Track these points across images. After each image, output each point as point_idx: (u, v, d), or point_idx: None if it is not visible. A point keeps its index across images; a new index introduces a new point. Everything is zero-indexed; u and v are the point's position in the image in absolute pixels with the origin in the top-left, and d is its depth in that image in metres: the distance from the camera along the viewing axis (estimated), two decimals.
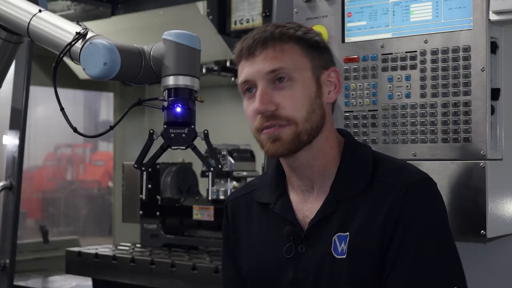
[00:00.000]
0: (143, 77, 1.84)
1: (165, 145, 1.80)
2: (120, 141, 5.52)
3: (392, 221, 1.53)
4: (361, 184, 1.59)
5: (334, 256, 1.57)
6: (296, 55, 1.59)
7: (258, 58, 1.58)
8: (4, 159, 3.10)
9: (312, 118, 1.58)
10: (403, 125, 1.95)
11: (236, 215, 1.78)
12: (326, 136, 1.62)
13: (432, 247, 1.54)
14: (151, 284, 3.62)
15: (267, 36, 1.59)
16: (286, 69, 1.57)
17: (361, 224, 1.56)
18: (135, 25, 4.23)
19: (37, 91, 5.39)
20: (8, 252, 3.04)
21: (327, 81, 1.62)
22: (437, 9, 1.91)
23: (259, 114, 1.58)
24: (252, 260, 1.70)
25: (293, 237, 1.62)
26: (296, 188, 1.67)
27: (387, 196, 1.56)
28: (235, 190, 1.88)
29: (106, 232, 6.87)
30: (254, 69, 1.58)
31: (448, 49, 1.88)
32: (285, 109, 1.56)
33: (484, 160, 1.83)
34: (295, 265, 1.61)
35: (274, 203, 1.68)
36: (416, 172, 1.62)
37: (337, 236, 1.58)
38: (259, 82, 1.58)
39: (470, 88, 1.85)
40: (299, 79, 1.58)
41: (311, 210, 1.63)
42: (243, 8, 3.98)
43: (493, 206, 1.84)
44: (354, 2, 2.05)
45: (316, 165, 1.62)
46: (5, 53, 2.35)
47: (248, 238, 1.73)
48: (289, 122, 1.56)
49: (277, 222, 1.66)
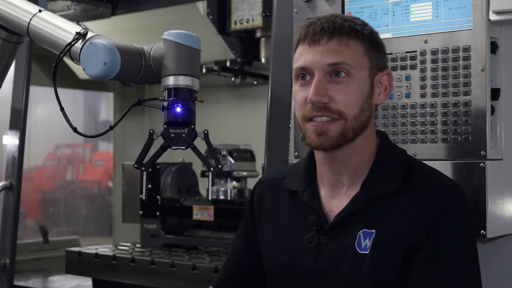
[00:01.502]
0: (143, 77, 1.84)
1: (165, 145, 1.80)
2: (120, 141, 5.51)
3: (423, 225, 1.54)
4: (393, 185, 1.60)
5: (357, 250, 1.58)
6: (359, 52, 1.59)
7: (322, 47, 1.57)
8: (4, 159, 3.10)
9: (361, 117, 1.59)
10: (403, 125, 1.95)
11: (262, 199, 1.78)
12: (367, 136, 1.63)
13: (460, 257, 1.55)
14: (151, 284, 3.62)
15: (336, 28, 1.58)
16: (346, 65, 1.56)
17: (389, 223, 1.57)
18: (135, 25, 4.23)
19: (37, 91, 5.39)
20: (8, 252, 3.04)
21: (380, 82, 1.63)
22: (437, 9, 1.91)
23: (311, 103, 1.57)
24: (274, 245, 1.71)
25: (317, 227, 1.63)
26: (325, 182, 1.67)
27: (418, 200, 1.57)
28: (266, 175, 1.91)
29: (106, 232, 6.87)
30: (315, 58, 1.57)
31: (448, 49, 1.88)
32: (338, 103, 1.56)
33: (484, 160, 1.83)
34: (315, 254, 1.62)
35: (303, 192, 1.68)
36: (449, 180, 1.64)
37: (363, 232, 1.58)
38: (317, 72, 1.57)
39: (470, 88, 1.85)
40: (357, 77, 1.58)
41: (338, 205, 1.63)
42: (243, 8, 3.98)
43: (493, 206, 1.84)
44: (354, 2, 2.05)
45: (351, 162, 1.63)
46: (5, 53, 2.35)
47: (273, 223, 1.74)
48: (339, 117, 1.57)
49: (303, 210, 1.67)
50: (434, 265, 1.53)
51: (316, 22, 1.60)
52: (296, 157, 2.13)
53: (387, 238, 1.56)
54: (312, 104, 1.57)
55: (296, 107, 1.62)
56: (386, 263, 1.55)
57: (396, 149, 1.69)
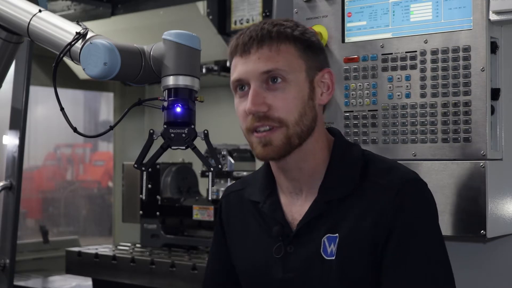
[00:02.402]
0: (143, 77, 1.84)
1: (165, 145, 1.80)
2: (120, 141, 5.51)
3: (384, 222, 1.52)
4: (350, 185, 1.58)
5: (323, 257, 1.56)
6: (292, 56, 1.56)
7: (253, 56, 1.56)
8: (4, 159, 3.10)
9: (304, 121, 1.56)
10: (403, 125, 1.95)
11: (229, 212, 1.78)
12: (316, 138, 1.61)
13: (427, 249, 1.53)
14: (151, 284, 3.62)
15: (264, 34, 1.56)
16: (280, 71, 1.54)
17: (351, 225, 1.55)
18: (135, 25, 4.23)
19: (37, 91, 5.39)
20: (8, 252, 3.04)
21: (321, 82, 1.60)
22: (437, 9, 1.91)
23: (251, 114, 1.56)
24: (244, 258, 1.71)
25: (282, 237, 1.61)
26: (284, 190, 1.66)
27: (378, 197, 1.55)
28: (231, 185, 1.88)
29: (106, 232, 6.87)
30: (247, 68, 1.56)
31: (448, 49, 1.88)
32: (277, 110, 1.54)
33: (484, 160, 1.83)
34: (284, 264, 1.60)
35: (263, 202, 1.67)
36: (406, 172, 1.60)
37: (327, 237, 1.56)
38: (252, 81, 1.56)
39: (470, 88, 1.85)
40: (293, 81, 1.55)
41: (300, 212, 1.62)
42: (243, 8, 3.98)
43: (493, 206, 1.84)
44: (354, 2, 2.05)
45: (305, 168, 1.61)
46: (5, 53, 2.34)
47: (241, 235, 1.73)
48: (280, 124, 1.54)
49: (267, 221, 1.66)
50: (401, 263, 1.51)
51: (245, 32, 1.59)
52: None
53: (350, 241, 1.54)
54: (252, 115, 1.55)
55: (239, 120, 1.61)
56: (353, 266, 1.54)
57: (350, 147, 1.66)
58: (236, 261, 1.74)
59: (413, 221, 1.53)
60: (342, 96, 2.05)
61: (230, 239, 1.76)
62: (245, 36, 1.58)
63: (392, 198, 1.53)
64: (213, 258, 1.82)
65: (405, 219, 1.52)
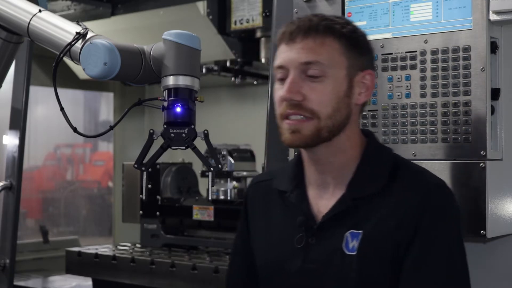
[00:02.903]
0: (143, 77, 1.84)
1: (165, 145, 1.80)
2: (120, 141, 5.51)
3: (409, 224, 1.55)
4: (379, 184, 1.60)
5: (344, 251, 1.58)
6: (335, 52, 1.58)
7: (297, 46, 1.58)
8: (4, 159, 3.10)
9: (336, 116, 1.58)
10: (403, 125, 1.95)
11: (254, 201, 1.79)
12: (348, 135, 1.62)
13: (448, 255, 1.55)
14: (151, 284, 3.62)
15: (311, 26, 1.58)
16: (320, 64, 1.56)
17: (375, 223, 1.57)
18: (135, 25, 4.23)
19: (37, 91, 5.39)
20: (8, 252, 3.04)
21: (361, 82, 1.61)
22: (437, 9, 1.91)
23: (285, 101, 1.58)
24: (265, 246, 1.72)
25: (305, 228, 1.63)
26: (313, 182, 1.67)
27: (405, 199, 1.57)
28: (258, 175, 1.92)
29: (106, 232, 6.87)
30: (290, 56, 1.58)
31: (448, 49, 1.89)
32: (311, 101, 1.56)
33: (484, 160, 1.83)
34: (304, 255, 1.62)
35: (291, 192, 1.69)
36: (434, 178, 1.63)
37: (350, 233, 1.59)
38: (292, 70, 1.58)
39: (470, 88, 1.85)
40: (332, 76, 1.57)
41: (326, 206, 1.63)
42: (243, 8, 3.97)
43: (493, 206, 1.84)
44: (354, 2, 2.05)
45: (335, 162, 1.63)
46: (5, 53, 2.34)
47: (264, 224, 1.74)
48: (312, 115, 1.56)
49: (292, 211, 1.67)
50: (423, 267, 1.53)
51: (294, 21, 1.61)
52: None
53: (374, 238, 1.56)
54: (286, 102, 1.57)
55: (275, 106, 1.63)
56: (374, 264, 1.56)
57: (382, 149, 1.69)
58: (256, 249, 1.75)
59: (437, 225, 1.55)
60: None
61: (253, 230, 1.78)
62: (292, 25, 1.60)
63: (418, 201, 1.56)
64: (237, 253, 1.83)
65: (429, 223, 1.54)
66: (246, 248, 1.79)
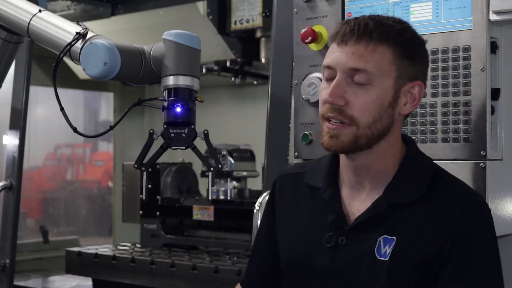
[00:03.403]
0: (143, 77, 1.84)
1: (165, 145, 1.80)
2: (120, 141, 5.52)
3: (445, 238, 1.52)
4: (417, 192, 1.57)
5: (376, 256, 1.55)
6: (385, 60, 1.53)
7: (347, 49, 1.53)
8: (4, 159, 3.10)
9: (377, 126, 1.54)
10: (403, 125, 1.95)
11: (283, 192, 1.76)
12: (389, 144, 1.59)
13: (485, 271, 1.53)
14: (151, 284, 3.62)
15: (365, 31, 1.53)
16: (368, 73, 1.52)
17: (410, 232, 1.54)
18: (135, 25, 4.23)
19: (37, 91, 5.39)
20: (8, 252, 3.04)
21: (408, 92, 1.57)
22: (437, 9, 1.91)
23: (327, 103, 1.55)
24: (291, 240, 1.69)
25: (336, 228, 1.60)
26: (347, 182, 1.64)
27: (443, 210, 1.54)
28: (288, 168, 1.88)
29: (106, 232, 6.87)
30: (339, 59, 1.54)
31: (448, 49, 1.88)
32: (353, 108, 1.53)
33: (484, 160, 1.83)
34: (333, 254, 1.59)
35: (324, 190, 1.65)
36: (474, 193, 1.61)
37: (383, 238, 1.55)
38: (339, 73, 1.54)
39: (470, 88, 1.85)
40: (378, 85, 1.52)
41: (359, 208, 1.60)
42: (243, 8, 3.98)
43: (493, 206, 1.84)
44: (354, 2, 2.05)
45: (372, 169, 1.60)
46: (5, 53, 2.35)
47: (291, 217, 1.71)
48: (352, 122, 1.53)
49: (322, 208, 1.64)
50: (458, 281, 1.50)
51: (350, 22, 1.56)
52: (296, 157, 2.13)
53: (407, 246, 1.53)
54: (329, 104, 1.54)
55: (320, 104, 1.59)
56: (405, 272, 1.53)
57: (423, 158, 1.65)
58: (281, 243, 1.72)
59: (476, 243, 1.53)
60: None
61: (278, 221, 1.74)
62: (347, 27, 1.55)
63: (458, 215, 1.53)
64: (261, 243, 1.79)
65: (468, 240, 1.52)
66: (271, 239, 1.75)
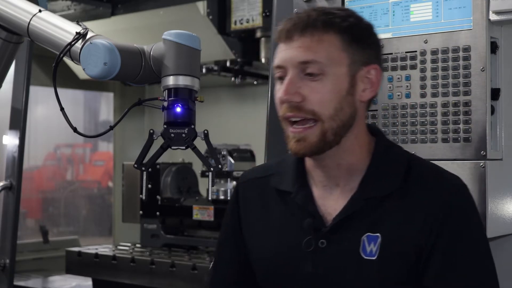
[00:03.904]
0: (143, 77, 1.84)
1: (165, 145, 1.80)
2: (120, 141, 5.52)
3: (432, 228, 1.48)
4: (394, 184, 1.52)
5: (362, 256, 1.50)
6: (334, 48, 1.49)
7: (294, 44, 1.49)
8: (4, 159, 3.10)
9: (340, 116, 1.49)
10: (403, 125, 1.95)
11: (248, 199, 1.69)
12: (355, 135, 1.54)
13: (475, 256, 1.50)
14: (151, 284, 3.62)
15: (308, 22, 1.49)
16: (318, 63, 1.47)
17: (394, 226, 1.50)
18: (135, 25, 4.23)
19: (37, 91, 5.39)
20: (8, 252, 3.04)
21: (365, 77, 1.52)
22: (437, 9, 1.91)
23: (284, 103, 1.50)
24: (266, 248, 1.62)
25: (314, 231, 1.54)
26: (318, 183, 1.58)
27: (425, 200, 1.50)
28: (249, 171, 1.79)
29: (106, 232, 6.87)
30: (287, 55, 1.50)
31: (448, 49, 1.89)
32: (311, 102, 1.48)
33: (484, 160, 1.83)
34: (314, 259, 1.53)
35: (296, 193, 1.59)
36: (454, 178, 1.56)
37: (367, 236, 1.50)
38: (290, 70, 1.49)
39: (470, 88, 1.85)
40: (331, 74, 1.48)
41: (335, 207, 1.54)
42: (243, 8, 3.98)
43: (493, 206, 1.84)
44: (354, 2, 2.05)
45: (343, 164, 1.55)
46: (5, 53, 2.34)
47: (262, 224, 1.64)
48: (314, 116, 1.48)
49: (296, 212, 1.58)
50: (448, 269, 1.47)
51: (292, 18, 1.52)
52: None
53: (394, 242, 1.49)
54: (286, 103, 1.50)
55: (276, 107, 1.54)
56: (396, 269, 1.49)
57: (394, 146, 1.61)
58: (255, 251, 1.65)
59: (462, 227, 1.49)
60: None
61: (247, 227, 1.67)
62: (290, 22, 1.51)
63: (441, 203, 1.49)
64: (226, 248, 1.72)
65: (454, 225, 1.49)
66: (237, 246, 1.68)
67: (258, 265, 1.65)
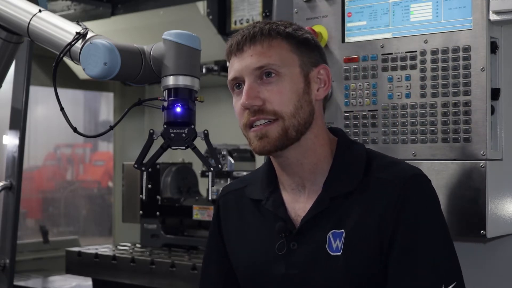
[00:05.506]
0: (143, 77, 1.84)
1: (165, 145, 1.80)
2: (120, 141, 5.52)
3: (390, 217, 1.53)
4: (355, 181, 1.59)
5: (329, 252, 1.56)
6: (284, 51, 1.59)
7: (246, 54, 1.59)
8: (4, 159, 3.10)
9: (300, 114, 1.58)
10: (403, 125, 1.95)
11: (227, 211, 1.78)
12: (315, 134, 1.62)
13: (433, 242, 1.54)
14: (151, 284, 3.62)
15: (255, 32, 1.60)
16: (273, 65, 1.57)
17: (356, 220, 1.56)
18: (135, 25, 4.23)
19: (37, 91, 5.39)
20: (8, 252, 3.04)
21: (317, 78, 1.62)
22: (437, 9, 1.91)
23: (246, 109, 1.59)
24: (244, 256, 1.71)
25: (285, 234, 1.62)
26: (287, 187, 1.67)
27: (382, 192, 1.56)
28: (227, 185, 1.89)
29: (106, 232, 6.87)
30: (242, 65, 1.60)
31: (448, 49, 1.88)
32: (272, 103, 1.57)
33: (484, 160, 1.83)
34: (287, 261, 1.61)
35: (266, 200, 1.67)
36: (409, 168, 1.62)
37: (332, 233, 1.57)
38: (247, 78, 1.59)
39: (470, 88, 1.85)
40: (287, 75, 1.58)
41: (303, 209, 1.62)
42: (243, 8, 3.98)
43: (493, 206, 1.84)
44: (354, 2, 2.05)
45: (306, 163, 1.62)
46: (5, 53, 2.34)
47: (240, 233, 1.73)
48: (276, 116, 1.56)
49: (269, 218, 1.66)
50: (408, 257, 1.51)
51: (238, 32, 1.63)
52: None
53: (357, 236, 1.55)
54: (248, 109, 1.58)
55: (237, 118, 1.63)
56: (361, 262, 1.54)
57: (354, 145, 1.68)
58: (235, 260, 1.74)
59: (418, 215, 1.54)
60: (342, 96, 2.05)
61: (228, 238, 1.76)
62: (238, 36, 1.63)
63: (397, 193, 1.54)
64: (211, 261, 1.81)
65: (410, 213, 1.53)
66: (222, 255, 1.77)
67: (239, 273, 1.73)
